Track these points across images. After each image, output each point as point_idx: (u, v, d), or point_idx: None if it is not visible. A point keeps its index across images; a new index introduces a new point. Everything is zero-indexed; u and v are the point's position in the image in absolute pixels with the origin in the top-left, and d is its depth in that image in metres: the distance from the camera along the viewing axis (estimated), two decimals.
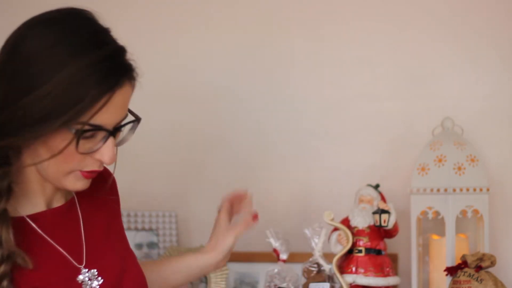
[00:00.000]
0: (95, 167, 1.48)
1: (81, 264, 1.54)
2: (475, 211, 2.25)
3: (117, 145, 1.50)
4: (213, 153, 2.53)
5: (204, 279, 2.35)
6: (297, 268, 2.27)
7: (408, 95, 2.47)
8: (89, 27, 1.45)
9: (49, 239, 1.51)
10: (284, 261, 2.29)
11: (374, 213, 2.20)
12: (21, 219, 1.50)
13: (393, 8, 2.48)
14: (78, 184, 1.50)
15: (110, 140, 1.46)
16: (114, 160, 1.48)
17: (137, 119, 1.51)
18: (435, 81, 2.46)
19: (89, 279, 1.53)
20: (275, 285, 2.22)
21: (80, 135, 1.42)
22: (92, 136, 1.44)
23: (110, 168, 1.60)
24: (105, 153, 1.46)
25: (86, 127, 1.42)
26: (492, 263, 2.06)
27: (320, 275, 2.23)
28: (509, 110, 2.44)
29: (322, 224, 2.23)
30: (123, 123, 1.48)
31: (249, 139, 2.52)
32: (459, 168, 2.25)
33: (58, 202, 1.56)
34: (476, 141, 2.36)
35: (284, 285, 2.20)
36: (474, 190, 2.24)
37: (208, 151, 2.53)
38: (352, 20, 2.49)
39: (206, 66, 2.54)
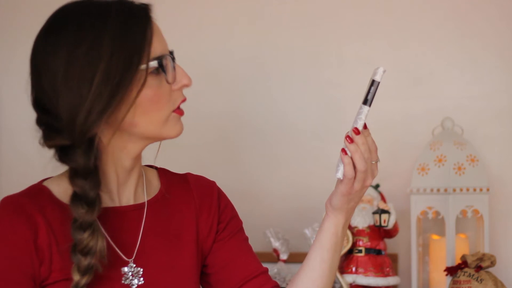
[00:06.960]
0: (181, 97, 1.54)
1: (130, 258, 1.55)
2: (475, 211, 2.25)
3: None
4: (212, 153, 2.52)
5: None
6: (297, 268, 2.26)
7: (408, 95, 2.47)
8: (86, 5, 1.50)
9: (104, 232, 1.52)
10: (284, 261, 2.28)
11: (374, 213, 2.20)
12: None
13: (393, 8, 2.48)
14: (177, 126, 1.55)
15: (177, 64, 1.53)
16: (191, 80, 1.53)
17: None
18: (435, 81, 2.46)
19: (132, 275, 1.53)
20: None
21: (160, 65, 1.49)
22: (165, 68, 1.50)
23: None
24: (182, 76, 1.53)
25: (155, 61, 1.49)
26: (492, 263, 2.06)
27: None
28: (509, 110, 2.44)
29: None
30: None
31: (249, 139, 2.52)
32: (459, 168, 2.25)
33: (128, 201, 1.58)
34: (476, 141, 2.36)
35: (284, 285, 2.20)
36: (474, 190, 2.24)
37: (207, 151, 2.52)
38: (352, 19, 2.49)
39: (203, 69, 2.54)
